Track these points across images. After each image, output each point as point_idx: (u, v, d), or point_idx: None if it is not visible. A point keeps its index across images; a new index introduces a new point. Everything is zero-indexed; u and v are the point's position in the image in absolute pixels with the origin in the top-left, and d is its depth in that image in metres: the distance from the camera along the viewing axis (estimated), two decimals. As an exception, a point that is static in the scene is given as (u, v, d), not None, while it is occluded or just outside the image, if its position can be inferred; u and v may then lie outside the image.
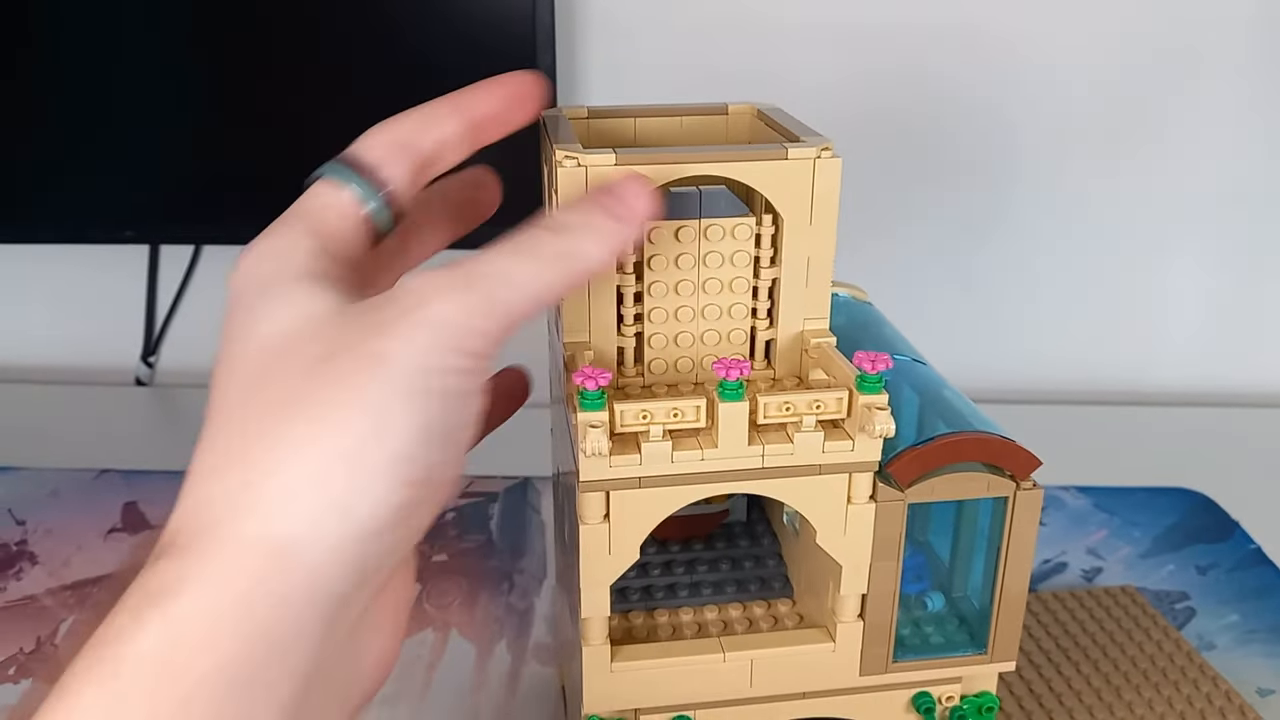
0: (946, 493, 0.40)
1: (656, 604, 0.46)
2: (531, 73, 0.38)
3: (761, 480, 0.39)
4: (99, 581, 0.71)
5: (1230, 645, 0.65)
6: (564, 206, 0.35)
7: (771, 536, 0.50)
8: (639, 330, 0.43)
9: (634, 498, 0.39)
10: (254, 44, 0.86)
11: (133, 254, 1.00)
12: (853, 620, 0.42)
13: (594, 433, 0.36)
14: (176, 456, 0.89)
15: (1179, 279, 0.99)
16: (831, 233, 0.42)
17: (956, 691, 0.44)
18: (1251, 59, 0.91)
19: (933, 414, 0.42)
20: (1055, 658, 0.60)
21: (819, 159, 0.40)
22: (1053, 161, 0.95)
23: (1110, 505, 0.80)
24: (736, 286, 0.42)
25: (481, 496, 0.82)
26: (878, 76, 0.92)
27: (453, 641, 0.65)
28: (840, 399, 0.38)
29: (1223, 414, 0.97)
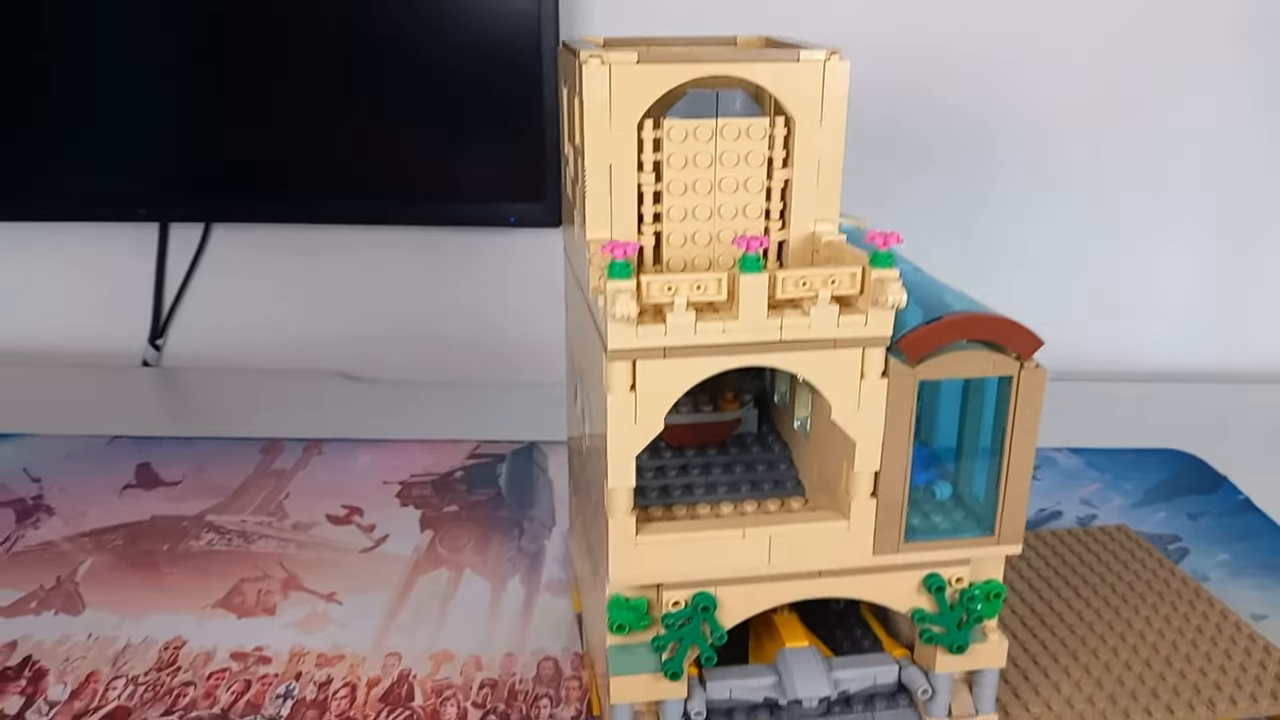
0: (954, 370, 0.43)
1: (674, 501, 0.48)
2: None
3: (779, 353, 0.41)
4: (118, 530, 0.72)
5: (1223, 579, 0.67)
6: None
7: (782, 444, 0.52)
8: (658, 230, 0.45)
9: (659, 368, 0.41)
10: (269, 28, 0.88)
11: (140, 240, 1.02)
12: (866, 498, 0.44)
13: (623, 297, 0.38)
14: (186, 427, 0.91)
15: (1165, 259, 1.02)
16: (840, 135, 0.44)
17: (965, 574, 0.46)
18: (1233, 43, 0.95)
19: (938, 302, 0.44)
20: (1057, 586, 0.62)
21: (828, 62, 0.43)
22: (1044, 145, 0.98)
23: (1102, 464, 0.83)
24: (751, 186, 0.45)
25: (489, 458, 0.83)
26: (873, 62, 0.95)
27: (466, 579, 0.67)
28: (854, 274, 0.41)
29: (1208, 388, 1.00)
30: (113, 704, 0.55)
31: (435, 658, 0.59)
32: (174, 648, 0.60)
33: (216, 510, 0.75)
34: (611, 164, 0.43)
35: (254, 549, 0.70)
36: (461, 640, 0.60)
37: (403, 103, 0.90)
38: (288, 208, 0.95)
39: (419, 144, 0.91)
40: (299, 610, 0.63)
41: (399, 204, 0.93)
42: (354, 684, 0.57)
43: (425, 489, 0.78)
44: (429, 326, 1.04)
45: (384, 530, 0.72)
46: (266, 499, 0.77)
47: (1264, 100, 0.97)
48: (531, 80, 0.87)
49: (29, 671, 0.58)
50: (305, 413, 0.92)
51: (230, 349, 1.05)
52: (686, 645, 0.45)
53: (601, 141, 0.43)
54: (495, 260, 1.01)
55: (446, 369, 1.04)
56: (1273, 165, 0.99)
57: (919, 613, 0.46)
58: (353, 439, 0.86)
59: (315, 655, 0.59)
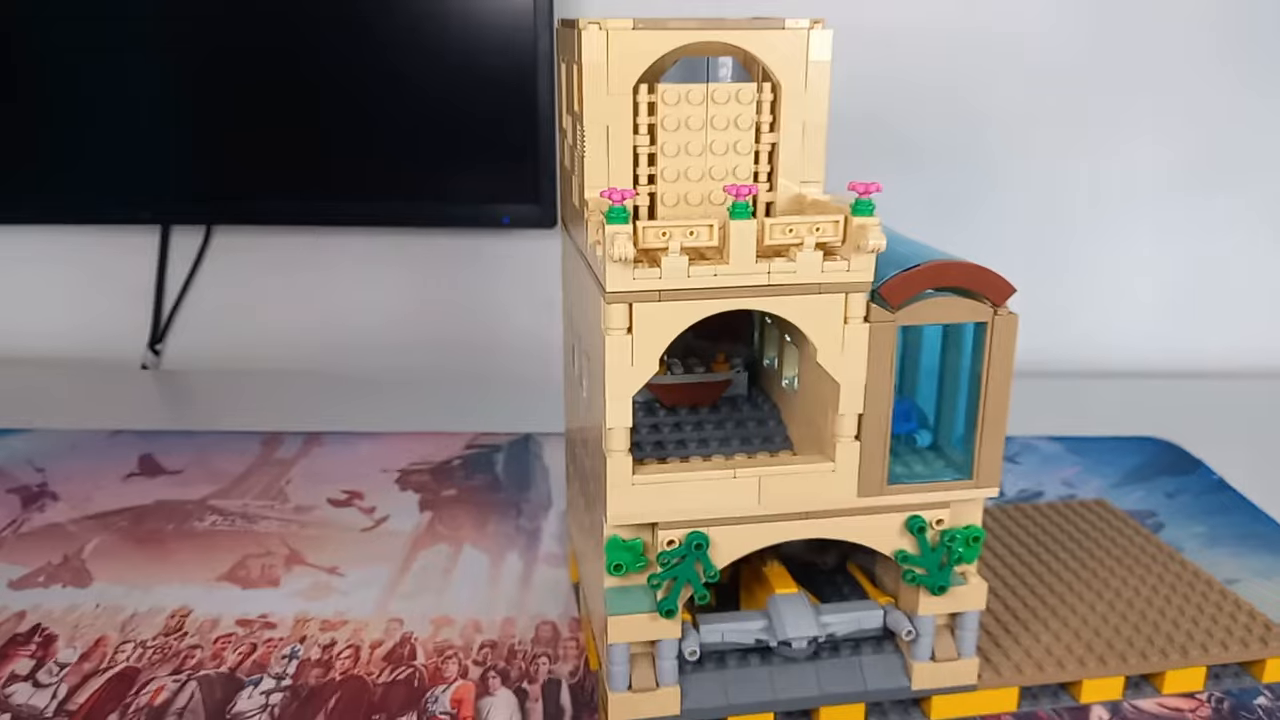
0: (933, 315, 0.45)
1: (669, 455, 0.50)
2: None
3: (767, 297, 0.44)
4: (123, 512, 0.74)
5: (1198, 548, 0.69)
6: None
7: (772, 405, 0.55)
8: (652, 191, 0.48)
9: (654, 310, 0.43)
10: (269, 35, 0.92)
11: (141, 243, 1.05)
12: (850, 440, 0.46)
13: (620, 238, 0.41)
14: (186, 422, 0.93)
15: (1140, 256, 1.06)
16: (824, 101, 0.47)
17: (946, 516, 0.48)
18: (1204, 42, 1.00)
19: (917, 254, 0.47)
20: (1038, 551, 0.64)
21: (812, 30, 0.46)
22: (1022, 142, 1.02)
23: (1082, 449, 0.85)
24: (740, 148, 0.48)
25: (486, 448, 0.85)
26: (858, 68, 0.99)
27: (466, 553, 0.69)
28: (836, 222, 0.43)
29: (1185, 382, 1.03)
30: (121, 665, 0.56)
31: (436, 621, 0.61)
32: (181, 615, 0.61)
33: (219, 495, 0.77)
34: (609, 126, 0.46)
35: (257, 529, 0.72)
36: (462, 606, 0.62)
37: (399, 107, 0.93)
38: (288, 211, 0.97)
39: (415, 148, 0.94)
40: (302, 581, 0.65)
41: (396, 207, 0.96)
42: (357, 646, 0.58)
43: (424, 475, 0.80)
44: (426, 326, 1.06)
45: (384, 511, 0.74)
46: (268, 485, 0.78)
47: (1233, 98, 1.01)
48: (527, 83, 0.90)
49: (39, 637, 0.59)
50: (305, 408, 0.94)
51: (229, 351, 1.08)
52: (680, 583, 0.47)
53: (599, 105, 0.46)
54: (490, 261, 1.04)
55: (443, 368, 1.06)
56: (1242, 162, 1.03)
57: (902, 553, 0.48)
58: (352, 432, 0.88)
59: (319, 621, 0.61)
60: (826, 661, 0.51)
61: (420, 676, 0.56)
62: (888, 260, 0.46)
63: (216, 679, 0.55)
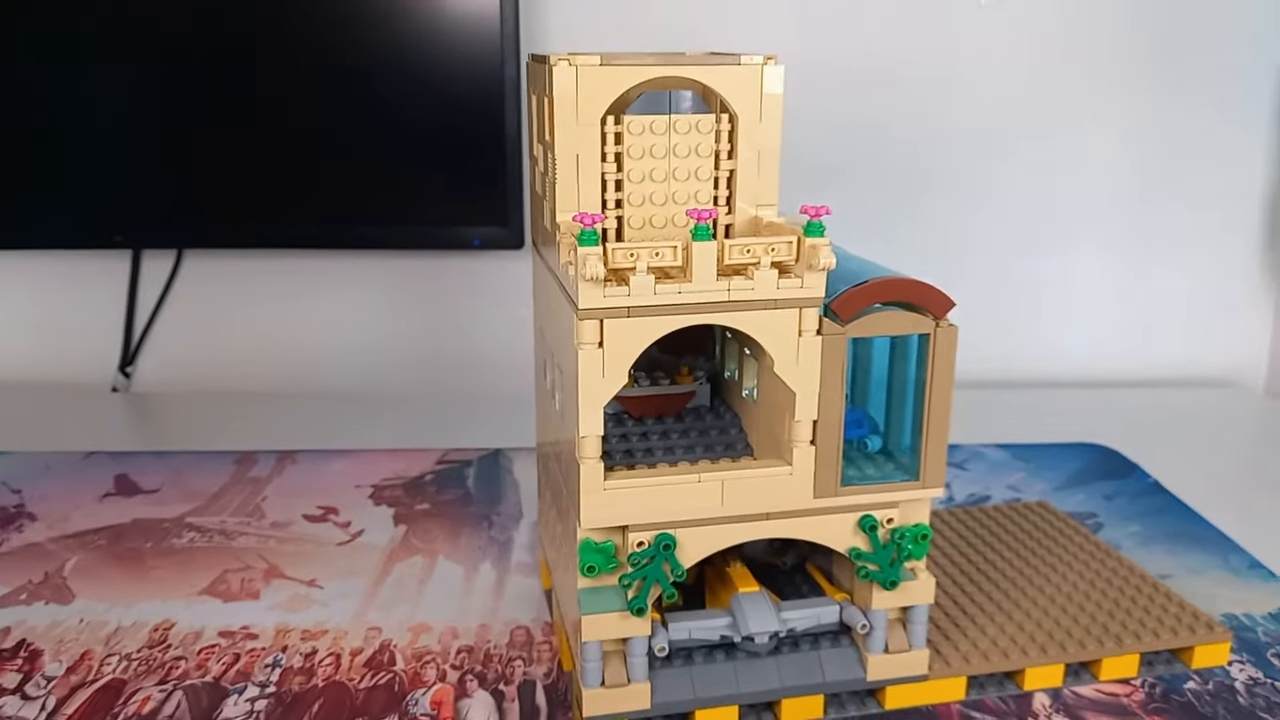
0: (879, 328, 0.49)
1: (636, 462, 0.53)
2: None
3: (728, 313, 0.47)
4: (101, 531, 0.75)
5: (1134, 547, 0.73)
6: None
7: (733, 414, 0.58)
8: (619, 215, 0.51)
9: (623, 325, 0.46)
10: (237, 61, 0.94)
11: (111, 268, 1.06)
12: (806, 445, 0.50)
13: (592, 259, 0.44)
14: (159, 443, 0.95)
15: (1082, 273, 1.11)
16: (778, 130, 0.51)
17: (896, 515, 0.52)
18: (1137, 71, 1.05)
19: (862, 272, 0.50)
20: (984, 551, 0.68)
21: (765, 66, 0.50)
22: (969, 164, 1.07)
23: (1026, 456, 0.90)
24: (701, 174, 0.51)
25: (457, 463, 0.88)
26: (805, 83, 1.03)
27: (440, 564, 0.71)
28: (790, 242, 0.47)
29: (1122, 392, 1.08)
30: (108, 676, 0.58)
31: (413, 629, 0.63)
32: (164, 629, 0.63)
33: (196, 513, 0.78)
34: (579, 154, 0.49)
35: (235, 544, 0.74)
36: (438, 614, 0.65)
37: (369, 132, 0.96)
38: (260, 235, 0.99)
39: (386, 172, 0.97)
40: (282, 594, 0.67)
41: (367, 229, 0.99)
42: (338, 654, 0.61)
43: (397, 490, 0.82)
44: (396, 346, 1.09)
45: (359, 526, 0.76)
46: (244, 502, 0.80)
47: (1165, 124, 1.07)
48: (494, 108, 0.93)
49: (24, 652, 0.60)
50: (277, 427, 0.95)
51: (200, 373, 1.09)
52: (650, 583, 0.50)
53: (569, 135, 0.49)
54: (460, 281, 1.07)
55: (414, 386, 1.09)
56: (1174, 185, 1.09)
57: (855, 551, 0.52)
58: (325, 450, 0.90)
59: (300, 631, 0.63)
60: (787, 656, 0.54)
61: (400, 681, 0.58)
62: (838, 276, 0.49)
63: (202, 688, 0.57)
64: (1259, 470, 0.91)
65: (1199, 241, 1.11)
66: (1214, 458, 0.93)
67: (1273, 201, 1.10)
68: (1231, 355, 1.14)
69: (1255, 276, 1.12)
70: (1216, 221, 1.10)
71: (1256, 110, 1.07)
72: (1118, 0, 1.03)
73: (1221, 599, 0.67)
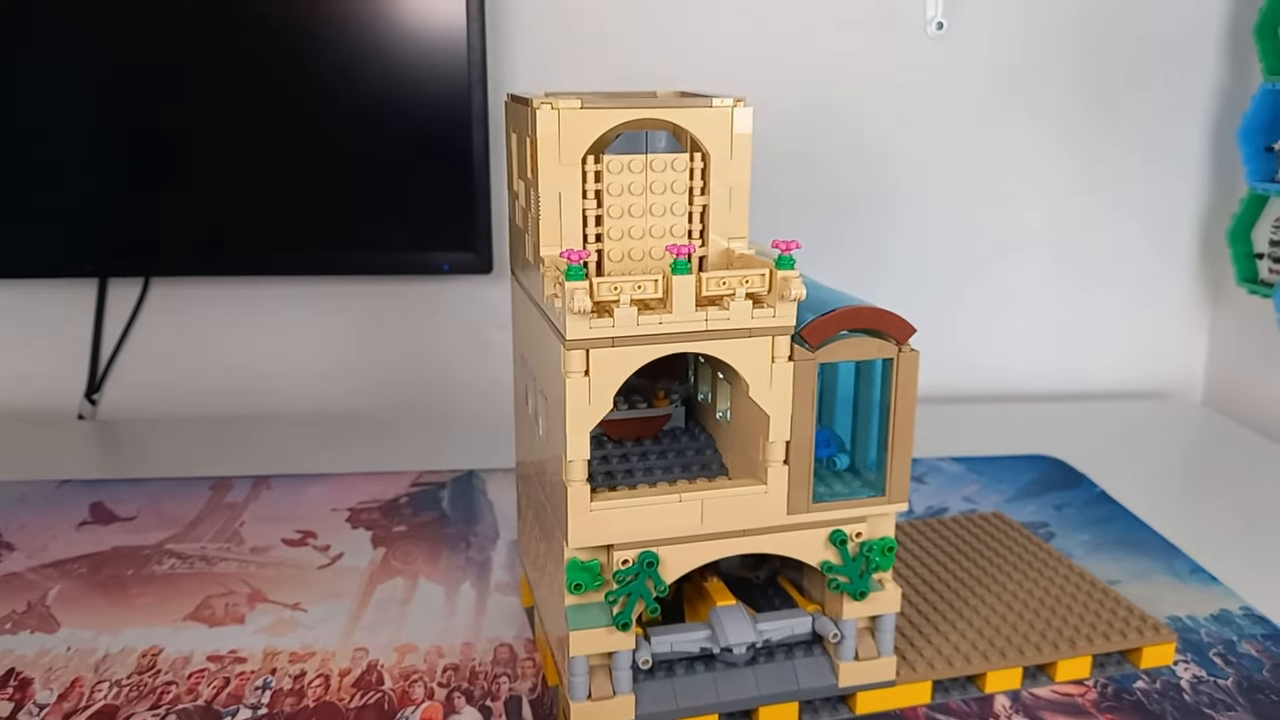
0: (846, 354, 0.52)
1: (617, 483, 0.56)
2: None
3: (705, 342, 0.50)
4: (81, 559, 0.76)
5: (1084, 554, 0.77)
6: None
7: (708, 435, 0.61)
8: (600, 248, 0.54)
9: (608, 355, 0.49)
10: (202, 90, 0.95)
11: (78, 296, 1.06)
12: (780, 465, 0.52)
13: (579, 293, 0.47)
14: (132, 471, 0.95)
15: (1028, 293, 1.16)
16: (747, 167, 0.54)
17: (864, 529, 0.55)
18: (1073, 104, 1.11)
19: (830, 300, 0.54)
20: (944, 561, 0.72)
21: (735, 108, 0.53)
22: (914, 195, 1.11)
23: (980, 469, 0.94)
24: (676, 210, 0.54)
25: (431, 485, 0.90)
26: (774, 116, 1.07)
27: (421, 585, 0.73)
28: (763, 275, 0.50)
29: (1068, 404, 1.13)
30: (100, 703, 0.59)
31: (400, 649, 0.65)
32: (152, 654, 0.64)
33: (175, 540, 0.79)
34: (560, 193, 0.52)
35: (216, 570, 0.75)
36: (422, 634, 0.66)
37: (338, 158, 0.97)
38: (229, 263, 1.01)
39: (354, 197, 0.98)
40: (267, 618, 0.68)
41: (336, 255, 1.00)
42: (327, 675, 0.62)
43: (374, 513, 0.84)
44: (369, 370, 1.10)
45: (338, 549, 0.78)
46: (223, 528, 0.81)
47: (1102, 146, 1.12)
48: (463, 136, 0.96)
49: (14, 681, 0.61)
50: (250, 454, 0.96)
51: (168, 399, 1.10)
52: (634, 599, 0.52)
53: (552, 174, 0.51)
54: (430, 305, 1.09)
55: (386, 409, 1.10)
56: (1112, 205, 1.14)
57: (826, 564, 0.55)
58: (300, 474, 0.91)
59: (288, 654, 0.64)
60: (763, 666, 0.57)
61: (390, 700, 0.60)
62: (806, 305, 0.52)
63: (195, 711, 0.59)
64: (1198, 478, 0.96)
65: (1136, 259, 1.16)
66: (1156, 467, 0.98)
67: (1204, 219, 1.16)
68: (1169, 368, 1.20)
69: (1190, 291, 1.18)
70: (1153, 240, 1.16)
71: (1188, 132, 1.13)
72: (1053, 27, 1.08)
73: (1166, 602, 0.71)
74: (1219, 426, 1.09)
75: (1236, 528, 0.83)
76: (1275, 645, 0.65)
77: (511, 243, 0.64)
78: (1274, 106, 1.01)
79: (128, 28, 0.93)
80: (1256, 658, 0.64)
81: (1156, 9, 1.09)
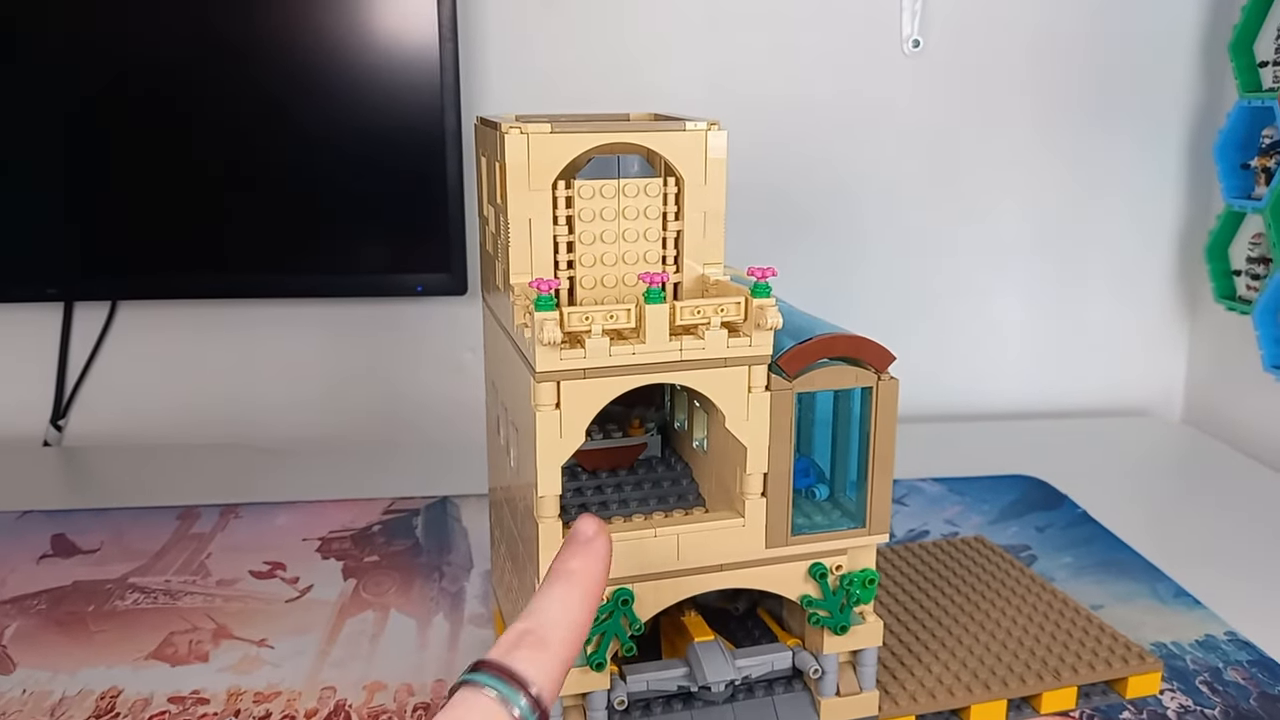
0: (824, 383, 0.51)
1: (591, 516, 0.54)
2: (599, 529, 0.42)
3: (680, 372, 0.49)
4: (40, 595, 0.73)
5: (1066, 578, 0.76)
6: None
7: (684, 464, 0.59)
8: (572, 275, 0.52)
9: (579, 387, 0.47)
10: (171, 109, 0.94)
11: (43, 320, 1.04)
12: (757, 497, 0.51)
13: (549, 324, 0.45)
14: (96, 500, 0.93)
15: (1007, 312, 1.15)
16: (722, 192, 0.53)
17: (844, 562, 0.54)
18: (1044, 122, 1.10)
19: (809, 328, 0.52)
20: (925, 588, 0.70)
21: (709, 131, 0.52)
22: (892, 213, 1.11)
23: (962, 489, 0.93)
24: (650, 235, 0.53)
25: (404, 513, 0.88)
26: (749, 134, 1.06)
27: (393, 618, 0.71)
28: (738, 303, 0.49)
29: (1048, 422, 1.13)
30: (54, 749, 0.57)
31: (369, 687, 0.63)
32: (110, 696, 0.62)
33: (139, 573, 0.77)
34: (530, 219, 0.50)
35: (181, 605, 0.73)
36: (392, 671, 0.64)
37: (309, 181, 0.96)
38: (198, 285, 0.98)
39: (327, 219, 0.97)
40: (232, 656, 0.66)
41: (308, 278, 0.98)
42: (293, 715, 0.60)
43: (345, 543, 0.82)
44: (339, 393, 1.08)
45: (308, 581, 0.76)
46: (188, 560, 0.79)
47: (1081, 162, 1.12)
48: (436, 158, 0.94)
49: (-35, 726, 0.59)
50: (219, 481, 0.94)
51: (136, 425, 1.07)
52: (609, 638, 0.51)
53: (521, 200, 0.50)
54: (402, 327, 1.07)
55: (357, 434, 1.08)
56: (1090, 222, 1.14)
57: (806, 598, 0.53)
58: (269, 502, 0.89)
59: (252, 694, 0.62)
60: (743, 703, 0.55)
61: (357, 741, 0.58)
62: (784, 332, 0.51)
63: (154, 756, 0.56)
64: (1179, 497, 0.95)
65: (1113, 276, 1.16)
66: (1137, 485, 0.97)
67: (1181, 236, 1.16)
68: (1148, 385, 1.19)
69: (1168, 308, 1.18)
70: (1130, 257, 1.16)
71: (1164, 149, 1.13)
72: (1030, 43, 1.08)
73: (1150, 626, 0.70)
74: (1198, 444, 1.09)
75: (1218, 548, 0.83)
76: (1261, 672, 0.64)
77: (482, 267, 0.63)
78: (1249, 123, 1.01)
79: (97, 52, 0.91)
80: (1243, 685, 0.63)
81: (1133, 26, 1.09)
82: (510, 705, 0.36)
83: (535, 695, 0.36)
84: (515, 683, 0.36)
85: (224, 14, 0.91)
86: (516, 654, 0.37)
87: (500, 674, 0.36)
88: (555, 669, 0.37)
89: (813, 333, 0.51)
